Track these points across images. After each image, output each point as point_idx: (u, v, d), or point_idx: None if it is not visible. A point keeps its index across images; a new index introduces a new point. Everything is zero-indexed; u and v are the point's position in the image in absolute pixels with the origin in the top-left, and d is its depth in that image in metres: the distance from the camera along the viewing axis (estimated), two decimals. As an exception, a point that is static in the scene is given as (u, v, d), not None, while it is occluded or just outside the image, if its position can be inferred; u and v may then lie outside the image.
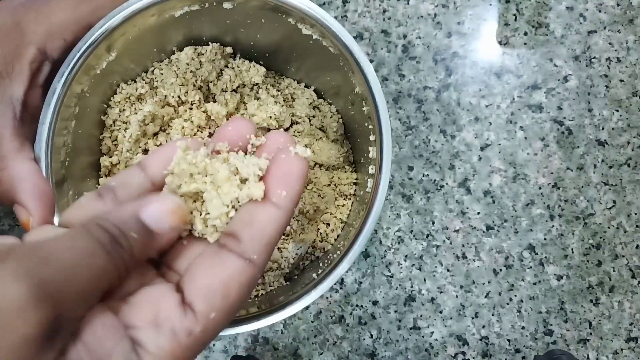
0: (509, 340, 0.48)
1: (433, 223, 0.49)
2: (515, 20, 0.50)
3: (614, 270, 0.48)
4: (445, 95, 0.50)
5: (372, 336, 0.48)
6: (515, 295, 0.48)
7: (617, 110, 0.49)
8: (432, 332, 0.48)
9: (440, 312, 0.48)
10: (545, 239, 0.48)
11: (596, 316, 0.48)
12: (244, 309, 0.33)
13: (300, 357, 0.48)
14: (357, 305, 0.48)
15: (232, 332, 0.30)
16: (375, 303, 0.48)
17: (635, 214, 0.48)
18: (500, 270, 0.48)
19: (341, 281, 0.48)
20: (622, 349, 0.47)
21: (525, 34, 0.50)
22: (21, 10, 0.31)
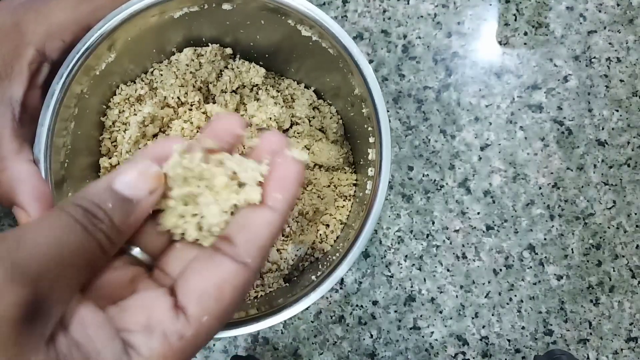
0: (509, 340, 0.48)
1: (433, 223, 0.49)
2: (515, 20, 0.50)
3: (614, 270, 0.48)
4: (445, 95, 0.50)
5: (372, 336, 0.48)
6: (515, 295, 0.48)
7: (617, 110, 0.49)
8: (432, 332, 0.48)
9: (440, 312, 0.48)
10: (545, 239, 0.48)
11: (596, 316, 0.48)
12: (244, 310, 0.33)
13: (300, 357, 0.48)
14: (357, 305, 0.48)
15: (232, 334, 0.30)
16: (375, 303, 0.48)
17: (635, 214, 0.48)
18: (500, 270, 0.48)
19: (341, 281, 0.48)
20: (622, 349, 0.47)
21: (525, 34, 0.50)
22: (21, 10, 0.31)
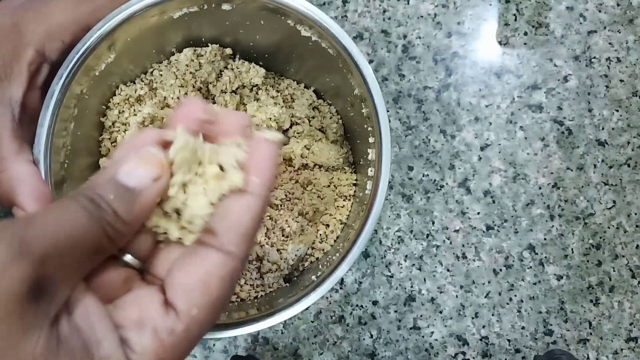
0: (509, 340, 0.48)
1: (433, 223, 0.49)
2: (515, 20, 0.50)
3: (614, 270, 0.48)
4: (445, 95, 0.49)
5: (372, 336, 0.48)
6: (515, 295, 0.48)
7: (617, 110, 0.49)
8: (432, 332, 0.48)
9: (440, 312, 0.48)
10: (545, 239, 0.48)
11: (596, 316, 0.48)
12: (244, 310, 0.33)
13: (300, 357, 0.48)
14: (357, 305, 0.48)
15: (232, 334, 0.30)
16: (375, 303, 0.48)
17: (635, 214, 0.48)
18: (500, 270, 0.48)
19: (341, 281, 0.48)
20: (622, 349, 0.47)
21: (525, 34, 0.50)
22: (20, 11, 0.31)
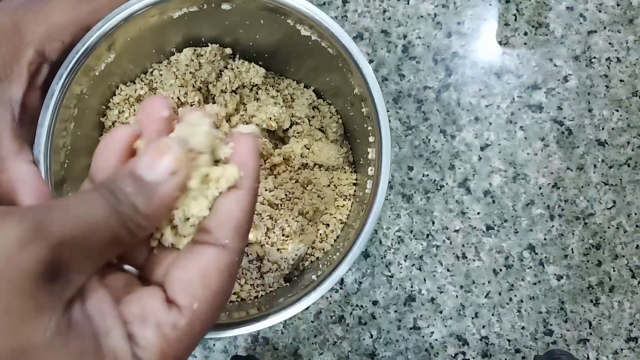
0: (509, 340, 0.48)
1: (433, 223, 0.49)
2: (515, 20, 0.50)
3: (614, 270, 0.48)
4: (445, 95, 0.49)
5: (372, 336, 0.48)
6: (515, 295, 0.48)
7: (617, 110, 0.49)
8: (432, 332, 0.48)
9: (440, 312, 0.48)
10: (545, 239, 0.48)
11: (596, 316, 0.48)
12: (244, 310, 0.33)
13: (300, 357, 0.48)
14: (357, 305, 0.48)
15: (232, 334, 0.30)
16: (375, 303, 0.48)
17: (635, 214, 0.48)
18: (500, 270, 0.48)
19: (341, 281, 0.48)
20: (622, 349, 0.47)
21: (525, 34, 0.50)
22: (20, 11, 0.30)
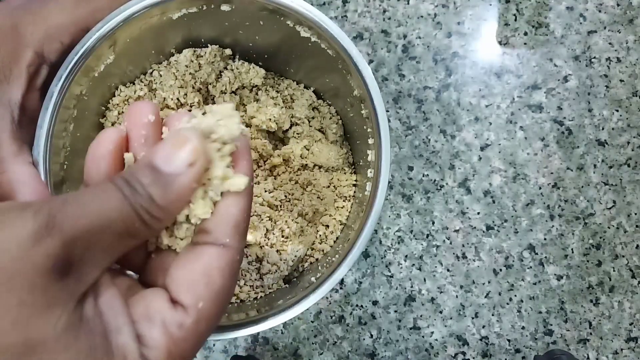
0: (509, 340, 0.48)
1: (433, 223, 0.49)
2: (515, 20, 0.50)
3: (614, 270, 0.48)
4: (445, 95, 0.49)
5: (372, 336, 0.48)
6: (515, 295, 0.48)
7: (617, 110, 0.49)
8: (432, 332, 0.48)
9: (440, 312, 0.48)
10: (545, 239, 0.48)
11: (596, 316, 0.48)
12: (244, 312, 0.33)
13: (300, 357, 0.48)
14: (357, 305, 0.48)
15: (232, 335, 0.30)
16: (375, 303, 0.48)
17: (635, 214, 0.48)
18: (500, 270, 0.48)
19: (341, 281, 0.48)
20: (622, 349, 0.47)
21: (525, 34, 0.50)
22: (19, 12, 0.30)
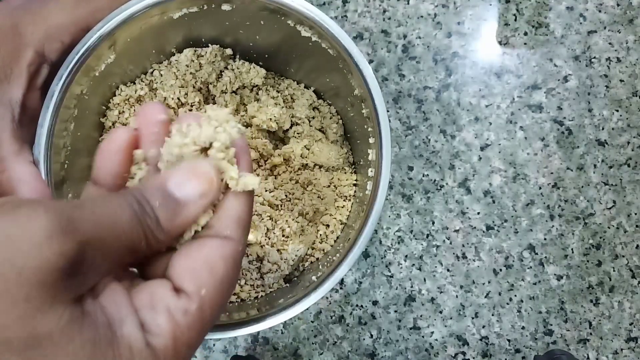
0: (509, 340, 0.48)
1: (433, 223, 0.49)
2: (515, 20, 0.50)
3: (614, 270, 0.48)
4: (445, 95, 0.49)
5: (372, 336, 0.48)
6: (515, 295, 0.48)
7: (617, 110, 0.49)
8: (432, 332, 0.48)
9: (440, 312, 0.48)
10: (545, 239, 0.48)
11: (596, 316, 0.48)
12: (244, 311, 0.33)
13: (300, 357, 0.48)
14: (357, 305, 0.48)
15: (233, 334, 0.30)
16: (375, 303, 0.48)
17: (635, 214, 0.48)
18: (500, 270, 0.48)
19: (341, 281, 0.48)
20: (622, 349, 0.47)
21: (525, 34, 0.50)
22: (19, 12, 0.30)
